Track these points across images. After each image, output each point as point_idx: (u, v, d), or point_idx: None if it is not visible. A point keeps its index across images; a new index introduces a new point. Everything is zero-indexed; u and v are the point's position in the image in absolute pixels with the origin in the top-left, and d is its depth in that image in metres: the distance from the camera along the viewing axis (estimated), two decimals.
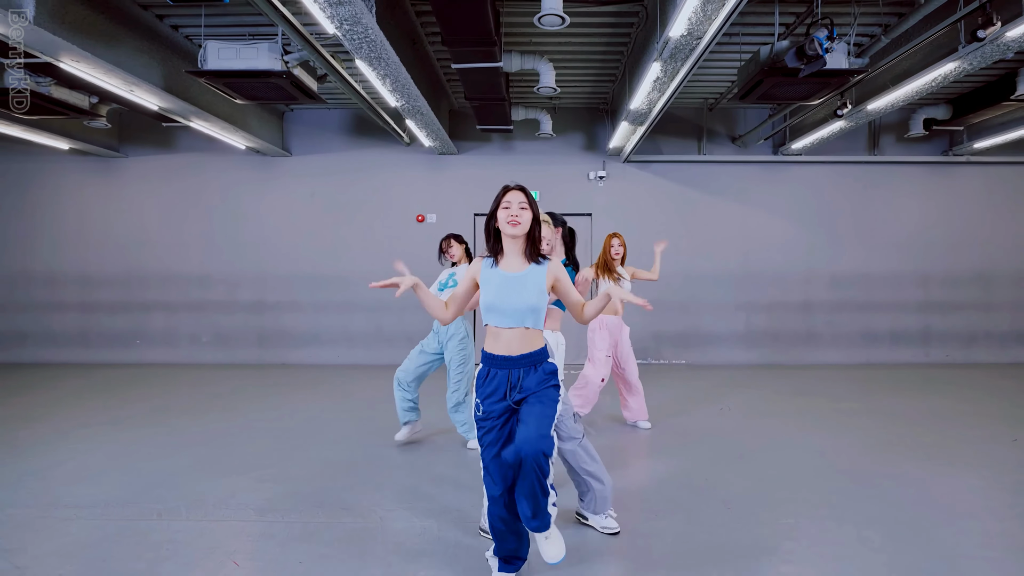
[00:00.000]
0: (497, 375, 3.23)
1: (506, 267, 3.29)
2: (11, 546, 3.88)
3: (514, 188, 3.31)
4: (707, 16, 5.54)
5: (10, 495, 4.74)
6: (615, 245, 6.63)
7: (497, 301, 3.21)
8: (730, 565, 3.62)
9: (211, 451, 5.90)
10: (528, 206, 3.27)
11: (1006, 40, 6.40)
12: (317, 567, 3.61)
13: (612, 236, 6.67)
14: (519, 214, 3.23)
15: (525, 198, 3.27)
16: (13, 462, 5.55)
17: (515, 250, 3.30)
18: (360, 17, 5.54)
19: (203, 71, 6.77)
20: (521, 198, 3.27)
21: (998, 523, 4.21)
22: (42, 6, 5.55)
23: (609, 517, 4.11)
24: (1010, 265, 11.68)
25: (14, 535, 4.04)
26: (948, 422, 7.05)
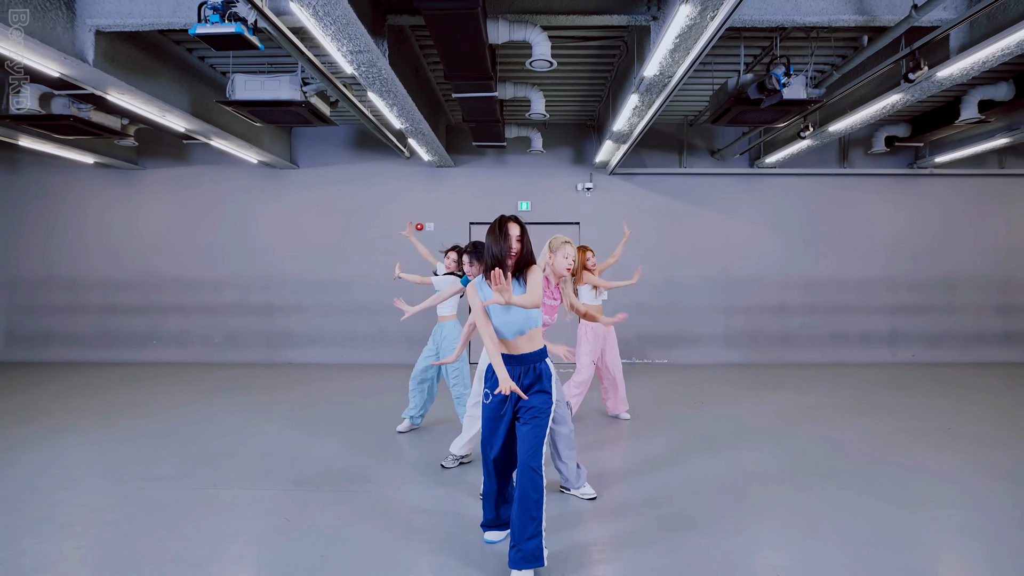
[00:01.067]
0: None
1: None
2: (103, 507, 4.81)
3: (511, 220, 3.94)
4: (675, 61, 6.31)
5: (86, 471, 5.68)
6: (589, 257, 7.18)
7: (500, 325, 3.92)
8: (693, 529, 4.46)
9: (242, 437, 6.78)
10: (522, 238, 3.95)
11: (937, 79, 7.22)
12: (352, 523, 4.54)
13: (583, 249, 7.16)
14: (515, 246, 3.90)
15: (520, 230, 3.97)
16: (76, 445, 6.47)
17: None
18: (375, 61, 6.38)
19: (231, 101, 7.61)
20: (518, 231, 3.93)
21: (929, 484, 5.02)
22: (98, 49, 6.45)
23: (586, 486, 5.02)
24: (972, 270, 12.41)
25: (103, 500, 4.97)
26: (907, 415, 7.83)
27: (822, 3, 6.42)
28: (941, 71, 7.01)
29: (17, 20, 5.44)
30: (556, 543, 4.19)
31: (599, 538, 4.33)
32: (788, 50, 8.35)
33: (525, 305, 3.72)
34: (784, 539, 4.29)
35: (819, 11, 6.42)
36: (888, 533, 4.37)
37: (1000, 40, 6.12)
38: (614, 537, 4.33)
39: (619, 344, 11.59)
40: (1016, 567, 3.90)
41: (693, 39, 5.72)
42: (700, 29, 5.50)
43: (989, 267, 12.46)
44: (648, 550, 4.13)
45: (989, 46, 6.28)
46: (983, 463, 5.91)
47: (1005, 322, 12.44)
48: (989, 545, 4.19)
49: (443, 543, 4.26)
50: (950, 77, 7.18)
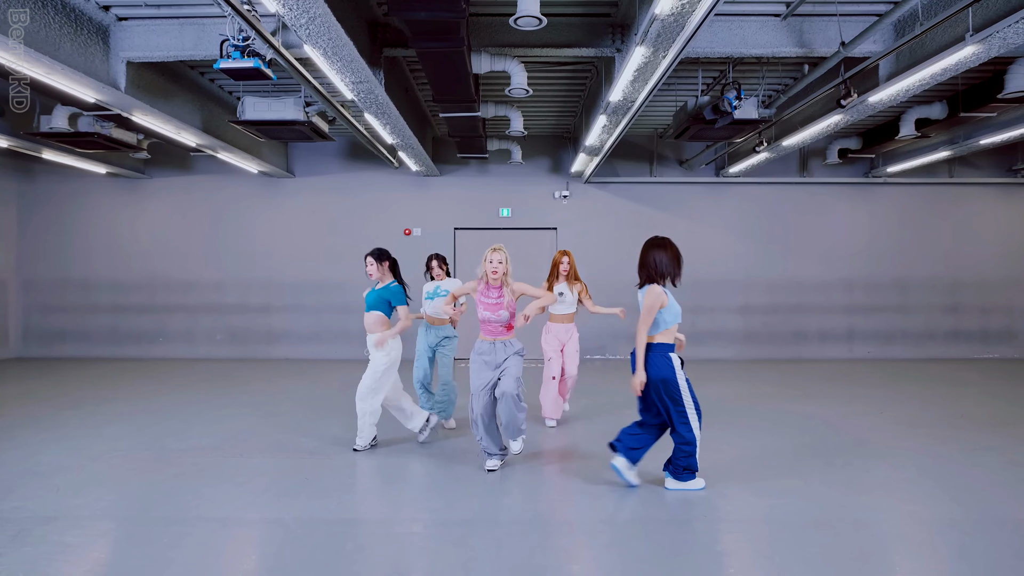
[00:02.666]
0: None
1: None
2: (152, 470, 5.67)
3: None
4: (636, 89, 7.20)
5: (128, 443, 6.59)
6: (564, 262, 7.52)
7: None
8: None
9: (256, 419, 7.64)
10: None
11: (870, 103, 8.16)
12: (369, 481, 5.53)
13: (562, 253, 7.56)
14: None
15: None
16: (114, 424, 7.35)
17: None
18: (373, 89, 7.29)
19: (242, 121, 8.47)
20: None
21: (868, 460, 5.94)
22: (128, 77, 7.33)
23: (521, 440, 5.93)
24: (923, 272, 13.38)
25: (150, 465, 5.84)
26: (858, 404, 8.71)
27: (766, 37, 7.32)
28: (872, 96, 7.93)
29: (61, 51, 6.30)
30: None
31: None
32: (742, 74, 9.24)
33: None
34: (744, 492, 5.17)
35: (764, 44, 7.33)
36: (837, 482, 5.25)
37: (919, 71, 6.99)
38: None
39: (593, 340, 12.53)
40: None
41: (650, 72, 6.60)
42: (655, 65, 6.39)
43: (939, 270, 13.39)
44: (602, 500, 5.02)
45: (911, 75, 7.15)
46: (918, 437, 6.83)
47: (953, 320, 13.38)
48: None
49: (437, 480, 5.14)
50: (880, 102, 8.11)
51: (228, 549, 4.09)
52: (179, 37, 7.04)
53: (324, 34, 5.64)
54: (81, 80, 6.77)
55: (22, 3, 5.74)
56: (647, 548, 4.04)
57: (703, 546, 4.13)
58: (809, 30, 7.31)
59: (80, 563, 3.84)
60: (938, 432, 7.01)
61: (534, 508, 4.87)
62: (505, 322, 5.67)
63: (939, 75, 6.96)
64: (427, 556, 3.99)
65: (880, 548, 4.04)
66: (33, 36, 5.90)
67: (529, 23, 5.70)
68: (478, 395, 5.62)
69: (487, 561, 3.87)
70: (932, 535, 4.31)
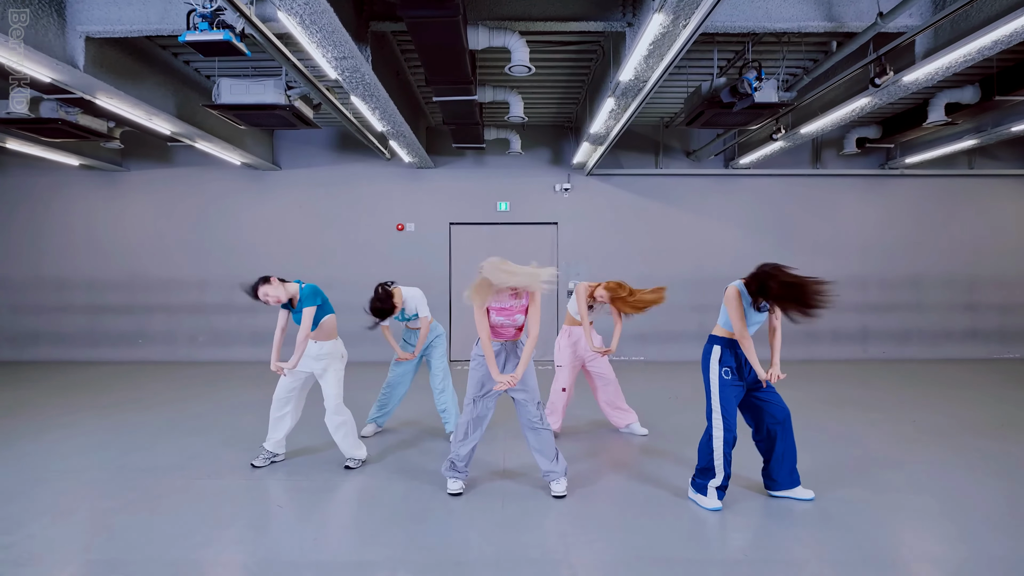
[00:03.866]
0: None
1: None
2: (104, 495, 5.02)
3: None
4: (650, 66, 6.54)
5: (83, 461, 5.90)
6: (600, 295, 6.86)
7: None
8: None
9: (234, 431, 7.01)
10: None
11: (904, 83, 7.48)
12: (348, 511, 4.86)
13: (600, 287, 6.88)
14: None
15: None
16: (72, 438, 6.68)
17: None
18: (359, 67, 6.58)
19: (217, 104, 7.77)
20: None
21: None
22: (88, 55, 6.61)
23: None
24: (939, 269, 12.78)
25: (103, 488, 5.18)
26: (870, 408, 8.16)
27: (792, 10, 6.67)
28: (907, 76, 7.27)
29: (17, 20, 5.61)
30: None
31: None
32: (760, 55, 8.61)
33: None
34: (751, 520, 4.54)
35: (789, 18, 6.67)
36: (852, 513, 4.63)
37: (963, 46, 6.34)
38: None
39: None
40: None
41: (667, 46, 5.95)
42: (673, 36, 5.75)
43: (957, 266, 12.81)
44: (620, 534, 4.36)
45: (953, 51, 6.50)
46: (950, 452, 6.20)
47: (971, 319, 12.80)
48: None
49: (424, 526, 4.49)
50: (916, 82, 7.45)
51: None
52: (143, 9, 6.33)
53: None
54: (33, 56, 6.03)
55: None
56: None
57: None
58: (839, 2, 6.67)
59: None
60: (988, 444, 6.41)
61: (542, 543, 4.22)
62: (520, 325, 5.14)
63: (988, 48, 6.29)
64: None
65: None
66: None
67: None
68: (478, 402, 5.05)
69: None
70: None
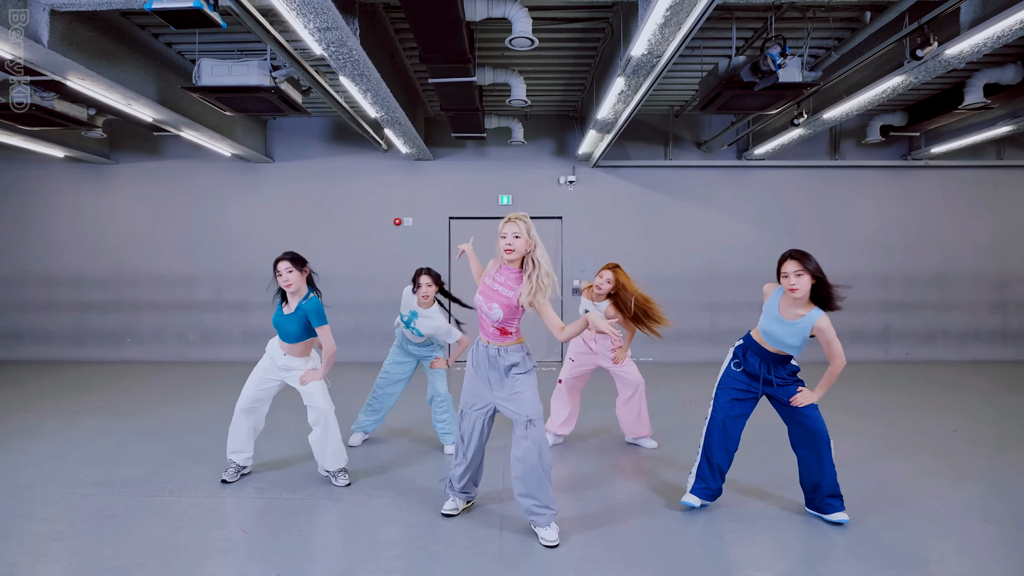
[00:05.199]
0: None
1: None
2: (45, 516, 4.46)
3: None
4: (665, 38, 5.94)
5: (35, 474, 5.33)
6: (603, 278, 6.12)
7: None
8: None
9: (210, 439, 6.39)
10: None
11: (946, 57, 6.83)
12: (323, 536, 4.25)
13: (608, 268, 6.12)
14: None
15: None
16: (32, 446, 6.15)
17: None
18: (345, 40, 6.03)
19: (197, 87, 7.26)
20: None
21: None
22: (54, 31, 6.09)
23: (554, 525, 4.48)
24: (966, 266, 12.18)
25: (46, 507, 4.62)
26: (897, 412, 7.61)
27: None
28: (950, 48, 6.60)
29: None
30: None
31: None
32: (782, 31, 8.00)
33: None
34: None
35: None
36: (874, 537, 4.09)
37: (1017, 12, 5.74)
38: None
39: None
40: None
41: (685, 12, 5.38)
42: (692, 2, 5.18)
43: (984, 263, 12.23)
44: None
45: (1004, 20, 5.90)
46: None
47: (1001, 319, 12.22)
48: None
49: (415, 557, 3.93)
50: (960, 55, 6.76)
51: None
52: None
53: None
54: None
55: None
56: None
57: None
58: None
59: None
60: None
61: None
62: (498, 322, 4.20)
63: None
64: None
65: None
66: None
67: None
68: (468, 414, 4.40)
69: None
70: None
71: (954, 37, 6.47)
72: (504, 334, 4.24)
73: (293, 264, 5.20)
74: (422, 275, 5.83)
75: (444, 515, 4.55)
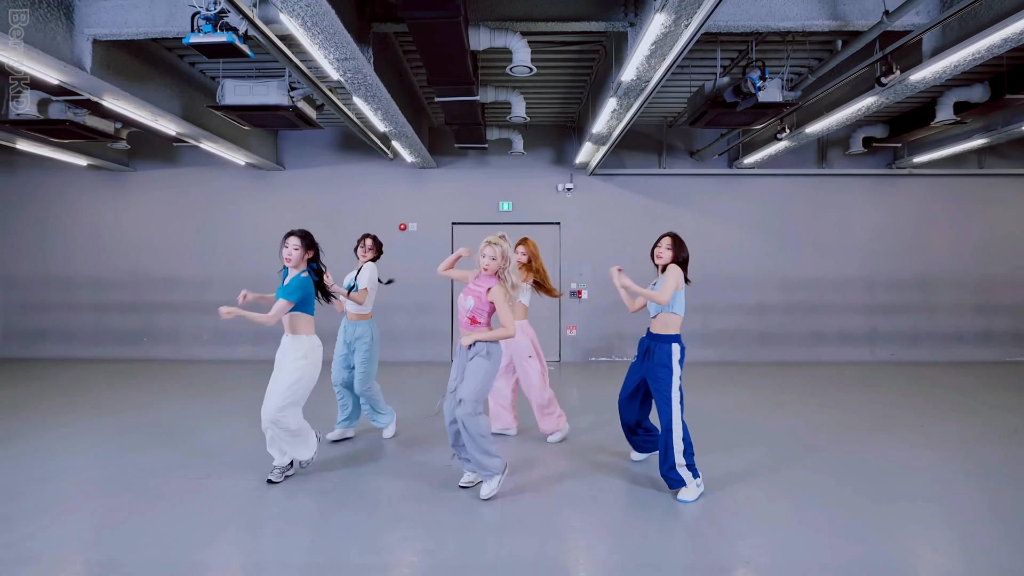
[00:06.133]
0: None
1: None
2: (101, 495, 5.03)
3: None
4: (652, 67, 6.48)
5: (87, 460, 5.96)
6: (519, 252, 6.92)
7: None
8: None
9: (234, 430, 7.01)
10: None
11: (911, 82, 7.39)
12: (344, 513, 4.77)
13: (521, 243, 6.89)
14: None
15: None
16: (73, 436, 6.72)
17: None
18: (361, 68, 6.58)
19: (221, 106, 7.78)
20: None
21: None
22: (95, 57, 6.67)
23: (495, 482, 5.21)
24: (950, 270, 12.67)
25: (103, 491, 5.16)
26: (881, 411, 8.09)
27: (796, 8, 6.61)
28: (914, 75, 7.18)
29: (17, 21, 5.60)
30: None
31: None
32: (764, 54, 8.54)
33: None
34: (753, 528, 4.51)
35: (794, 16, 6.61)
36: (856, 522, 4.60)
37: (972, 44, 6.26)
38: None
39: (597, 340, 12.22)
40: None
41: (668, 45, 5.90)
42: (675, 36, 5.70)
43: (968, 267, 12.71)
44: (621, 539, 4.35)
45: (961, 50, 6.42)
46: (955, 460, 6.15)
47: (984, 321, 12.69)
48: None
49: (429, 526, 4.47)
50: (923, 80, 7.35)
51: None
52: (149, 12, 6.35)
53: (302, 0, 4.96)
54: (41, 59, 6.08)
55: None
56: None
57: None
58: (844, 1, 6.61)
59: None
60: (996, 451, 6.31)
61: (539, 549, 4.19)
62: (469, 311, 5.08)
63: (997, 47, 6.22)
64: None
65: None
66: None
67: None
68: (448, 397, 5.16)
69: None
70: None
71: (917, 64, 7.03)
72: (474, 323, 5.08)
73: (301, 242, 5.76)
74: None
75: (461, 487, 5.23)
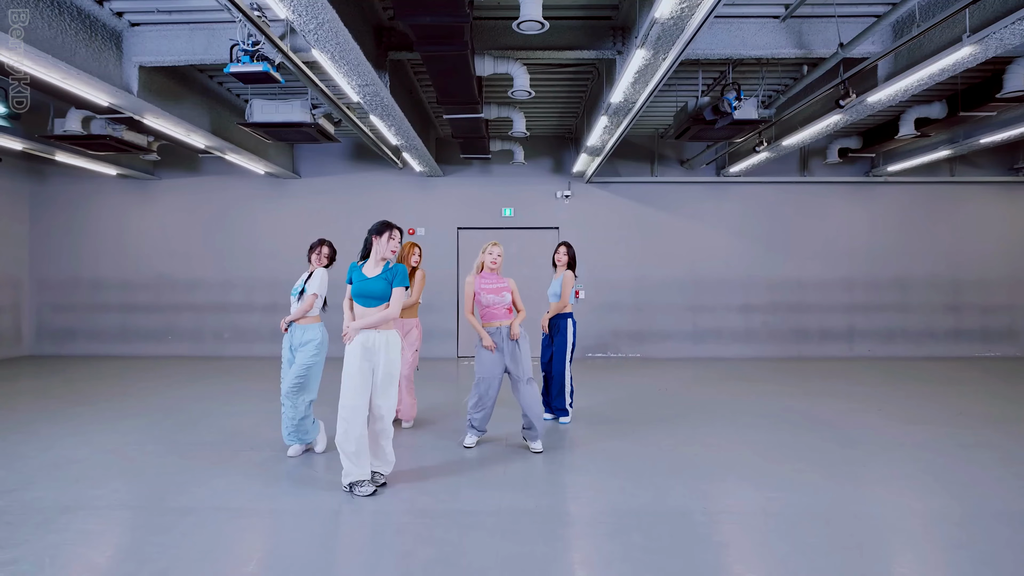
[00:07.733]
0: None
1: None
2: (162, 463, 5.74)
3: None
4: (637, 91, 7.34)
5: (142, 436, 6.75)
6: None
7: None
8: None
9: (261, 415, 7.75)
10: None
11: (869, 103, 8.27)
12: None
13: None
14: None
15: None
16: (121, 420, 7.38)
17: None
18: (378, 91, 7.45)
19: (250, 123, 8.63)
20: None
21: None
22: (140, 81, 7.51)
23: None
24: (923, 271, 13.47)
25: (162, 459, 5.88)
26: (857, 401, 8.81)
27: (765, 38, 7.45)
28: (871, 97, 8.05)
29: (17, 20, 5.77)
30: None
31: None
32: (743, 75, 9.37)
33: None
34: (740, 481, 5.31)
35: (763, 45, 7.46)
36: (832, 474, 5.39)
37: (920, 70, 7.10)
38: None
39: (593, 338, 12.91)
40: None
41: (650, 74, 6.73)
42: (655, 67, 6.52)
43: (940, 268, 13.49)
44: (611, 496, 5.15)
45: (910, 76, 7.28)
46: (903, 434, 6.95)
47: (954, 319, 13.47)
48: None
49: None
50: (880, 102, 8.22)
51: (243, 538, 4.24)
52: (190, 42, 7.21)
53: (332, 39, 5.78)
54: (95, 84, 6.95)
55: (43, 13, 5.88)
56: (648, 539, 4.16)
57: (702, 537, 4.22)
58: (808, 31, 7.44)
59: (102, 549, 3.99)
60: (936, 429, 7.11)
61: (534, 500, 4.97)
62: (508, 304, 6.17)
63: (937, 75, 7.09)
64: (429, 544, 4.09)
65: (877, 539, 4.17)
66: (50, 42, 6.07)
67: (532, 27, 5.83)
68: (494, 381, 6.13)
69: (489, 549, 4.01)
70: (928, 527, 4.42)
71: (873, 88, 7.89)
72: (510, 312, 6.21)
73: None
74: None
75: (465, 447, 6.31)
